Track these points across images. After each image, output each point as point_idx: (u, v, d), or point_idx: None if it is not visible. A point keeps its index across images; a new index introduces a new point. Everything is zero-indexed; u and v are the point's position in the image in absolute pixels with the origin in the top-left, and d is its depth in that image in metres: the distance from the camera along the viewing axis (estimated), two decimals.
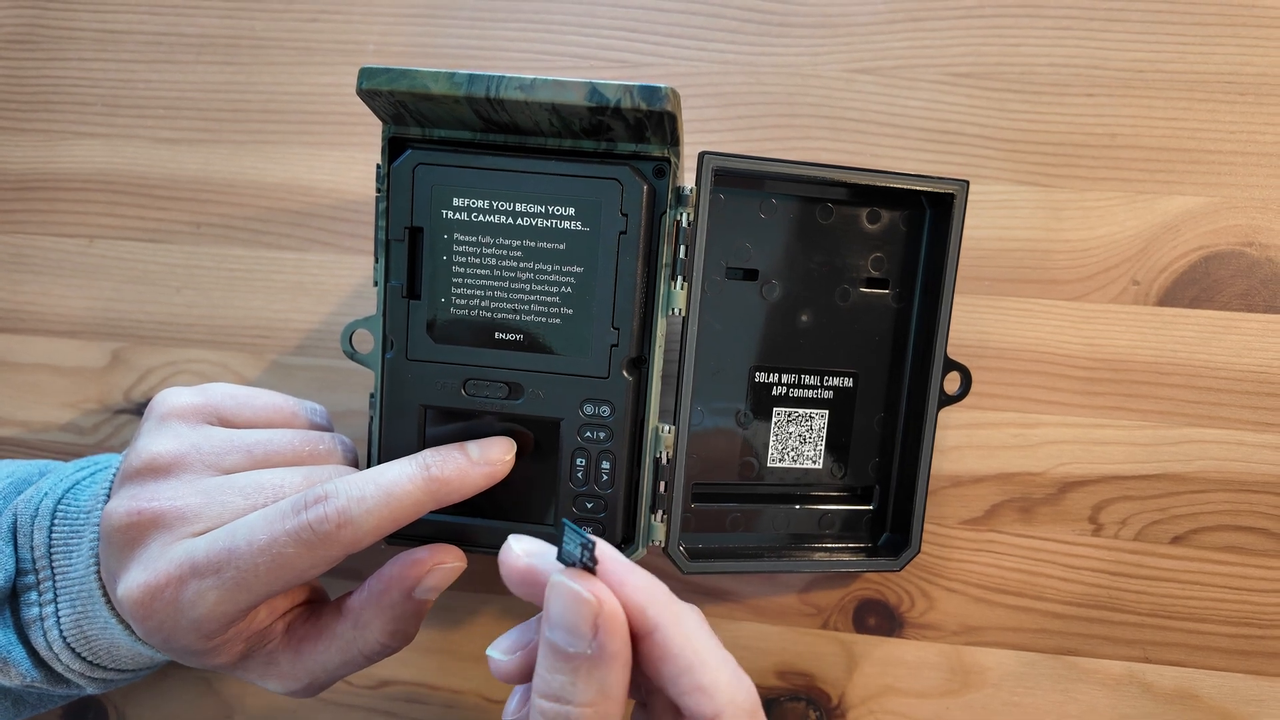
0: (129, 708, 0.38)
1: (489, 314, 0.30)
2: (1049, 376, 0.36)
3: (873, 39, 0.37)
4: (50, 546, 0.30)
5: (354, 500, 0.26)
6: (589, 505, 0.31)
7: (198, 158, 0.39)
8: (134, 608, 0.26)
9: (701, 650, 0.24)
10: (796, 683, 0.37)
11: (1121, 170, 0.36)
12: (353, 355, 0.31)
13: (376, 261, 0.30)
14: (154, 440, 0.29)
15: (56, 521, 0.30)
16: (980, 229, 0.36)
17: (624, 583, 0.23)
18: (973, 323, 0.37)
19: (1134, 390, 0.36)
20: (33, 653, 0.30)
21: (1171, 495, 0.36)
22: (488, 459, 0.29)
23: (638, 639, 0.24)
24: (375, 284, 0.30)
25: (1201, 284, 0.36)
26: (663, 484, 0.31)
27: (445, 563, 0.29)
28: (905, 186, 0.32)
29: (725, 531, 0.34)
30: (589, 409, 0.30)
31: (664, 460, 0.31)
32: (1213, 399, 0.36)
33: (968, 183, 0.32)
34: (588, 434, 0.30)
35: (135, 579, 0.26)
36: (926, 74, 0.37)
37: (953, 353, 0.35)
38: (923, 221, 0.34)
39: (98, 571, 0.29)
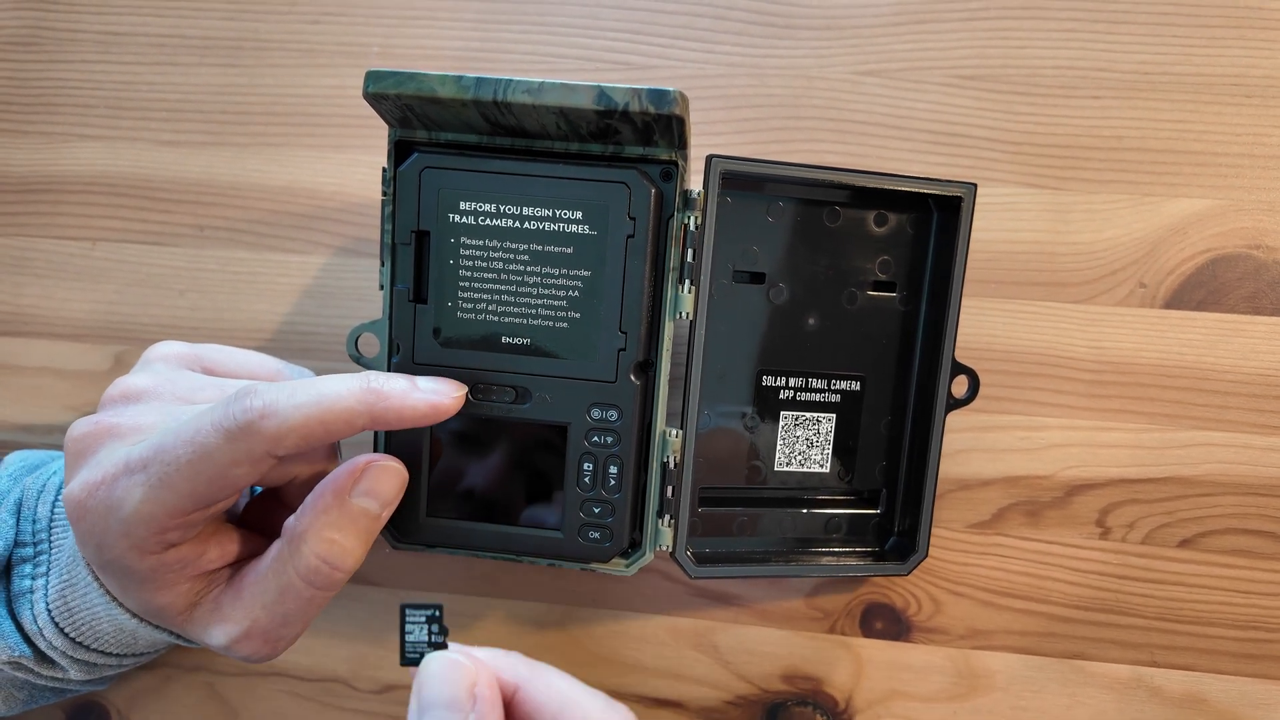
0: (133, 713, 0.38)
1: (496, 318, 0.30)
2: (1055, 379, 0.36)
3: (878, 41, 0.37)
4: (51, 520, 0.30)
5: (283, 395, 0.25)
6: (596, 510, 0.31)
7: (201, 160, 0.39)
8: (71, 506, 0.26)
9: (566, 691, 0.24)
10: (803, 687, 0.37)
11: (1128, 173, 0.36)
12: (358, 359, 0.31)
13: (382, 265, 0.30)
14: (134, 375, 0.29)
15: (60, 497, 0.31)
16: (986, 231, 0.36)
17: (474, 654, 0.24)
18: (978, 325, 0.37)
19: (1141, 393, 0.36)
20: (19, 627, 0.30)
21: (1179, 498, 0.36)
22: (433, 389, 0.27)
23: (507, 703, 0.24)
24: (381, 288, 0.30)
25: (1208, 287, 0.36)
26: (670, 488, 0.31)
27: (378, 461, 0.27)
28: (913, 190, 0.32)
29: (732, 536, 0.34)
30: (596, 413, 0.30)
31: (671, 465, 0.31)
32: (1220, 402, 0.36)
33: (975, 185, 0.32)
34: (595, 438, 0.30)
35: (78, 479, 0.26)
36: (932, 76, 0.37)
37: (959, 356, 0.35)
38: (930, 224, 0.34)
39: (75, 548, 0.29)
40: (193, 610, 0.28)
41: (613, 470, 0.30)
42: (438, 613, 0.24)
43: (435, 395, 0.27)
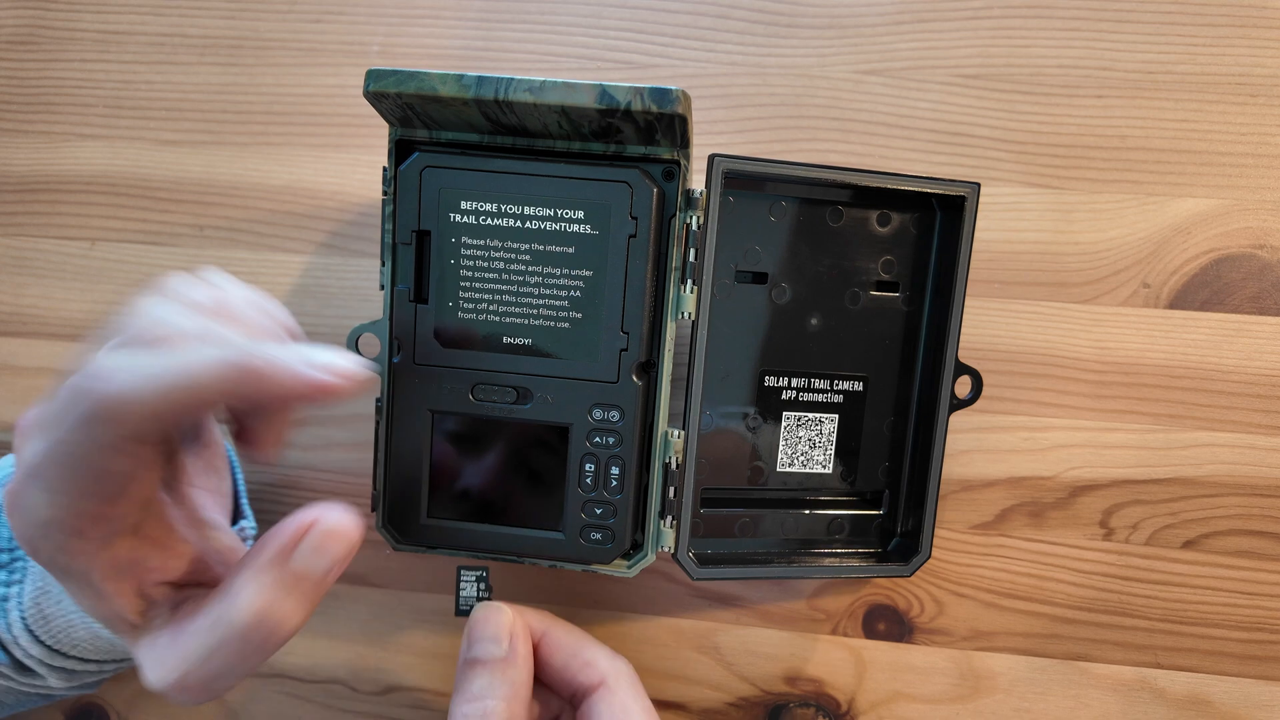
0: (132, 715, 0.38)
1: (497, 318, 0.30)
2: (1059, 380, 0.36)
3: (880, 40, 0.37)
4: None
5: (127, 369, 0.22)
6: (598, 511, 0.30)
7: (201, 160, 0.39)
8: (5, 508, 0.24)
9: (582, 638, 0.31)
10: (806, 689, 0.36)
11: (1132, 172, 0.36)
12: None
13: (383, 265, 0.30)
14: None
15: None
16: (990, 231, 0.36)
17: (514, 607, 0.30)
18: (982, 325, 0.36)
19: (1145, 394, 0.36)
20: None
21: (1183, 499, 0.36)
22: (325, 366, 0.22)
23: (534, 645, 0.30)
24: (381, 288, 0.30)
25: (1212, 287, 0.36)
26: (671, 489, 0.31)
27: (326, 521, 0.23)
28: (916, 189, 0.32)
29: (734, 537, 0.34)
30: (598, 414, 0.30)
31: (673, 465, 0.31)
32: (1224, 402, 0.36)
33: (979, 185, 0.32)
34: (597, 439, 0.30)
35: (8, 481, 0.25)
36: (935, 75, 0.37)
37: (962, 356, 0.35)
38: (933, 224, 0.34)
39: None
40: (138, 633, 0.25)
41: (614, 471, 0.30)
42: (485, 573, 0.31)
43: (322, 374, 0.22)
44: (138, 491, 0.24)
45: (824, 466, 0.35)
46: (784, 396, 0.34)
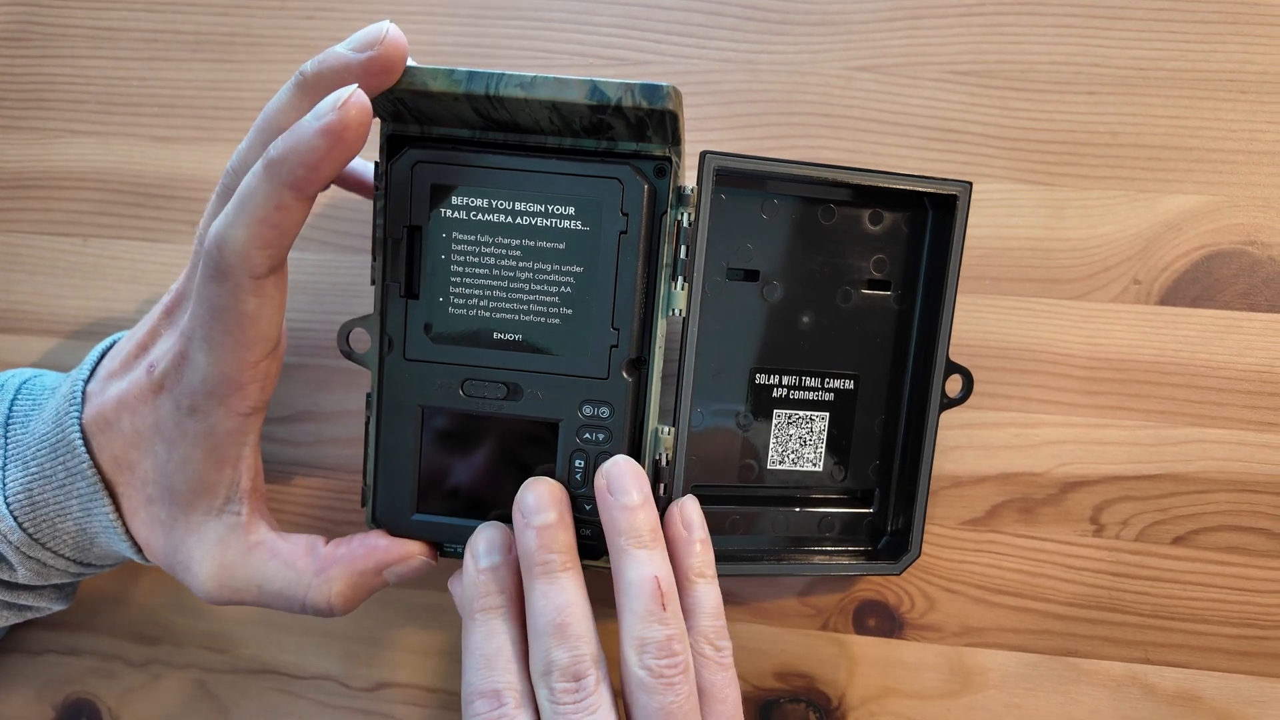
0: (124, 711, 0.38)
1: (488, 314, 0.30)
2: (1050, 376, 0.36)
3: (872, 36, 0.37)
4: (8, 418, 0.31)
5: (222, 222, 0.26)
6: (587, 508, 0.30)
7: (194, 156, 0.39)
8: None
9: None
10: (796, 684, 0.37)
11: (1123, 169, 0.36)
12: (349, 354, 0.31)
13: (374, 260, 0.30)
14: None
15: (19, 398, 0.32)
16: (981, 227, 0.36)
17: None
18: (973, 322, 0.36)
19: (1135, 390, 0.36)
20: None
21: (1173, 495, 0.36)
22: (327, 110, 0.24)
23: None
24: (372, 283, 0.30)
25: (1203, 283, 0.36)
26: (662, 486, 0.31)
27: (427, 558, 0.31)
28: (908, 188, 0.32)
29: (725, 534, 0.34)
30: (588, 410, 0.30)
31: (663, 462, 0.31)
32: (1215, 399, 0.36)
33: (971, 184, 0.32)
34: (586, 435, 0.30)
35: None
36: (927, 72, 0.37)
37: (953, 352, 0.35)
38: (925, 222, 0.34)
39: (61, 438, 0.30)
40: (213, 518, 0.30)
41: None
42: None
43: (328, 118, 0.24)
44: (270, 331, 0.28)
45: (815, 464, 0.35)
46: (775, 394, 0.34)
